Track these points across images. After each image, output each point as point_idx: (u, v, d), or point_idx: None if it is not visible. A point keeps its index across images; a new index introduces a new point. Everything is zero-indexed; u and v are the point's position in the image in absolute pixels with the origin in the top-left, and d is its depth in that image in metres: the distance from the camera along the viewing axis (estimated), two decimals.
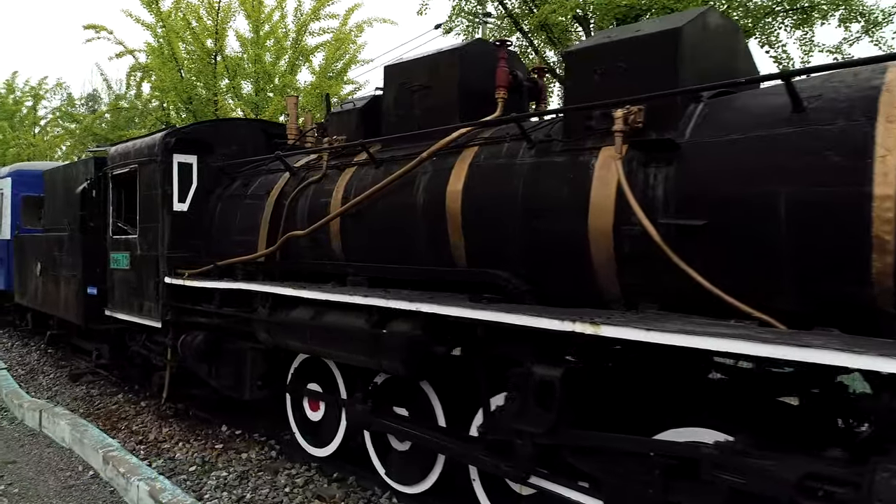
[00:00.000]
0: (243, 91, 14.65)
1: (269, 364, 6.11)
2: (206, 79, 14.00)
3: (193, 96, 14.30)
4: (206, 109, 14.07)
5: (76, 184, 9.24)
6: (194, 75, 14.20)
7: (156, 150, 6.80)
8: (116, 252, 7.62)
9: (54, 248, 9.38)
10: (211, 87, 14.05)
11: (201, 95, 14.13)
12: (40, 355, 11.53)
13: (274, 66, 14.45)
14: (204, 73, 13.93)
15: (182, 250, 6.84)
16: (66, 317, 9.10)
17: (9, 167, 13.29)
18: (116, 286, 7.68)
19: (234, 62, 14.17)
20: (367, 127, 5.71)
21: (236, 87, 14.34)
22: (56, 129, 29.44)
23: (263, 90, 14.20)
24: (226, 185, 6.98)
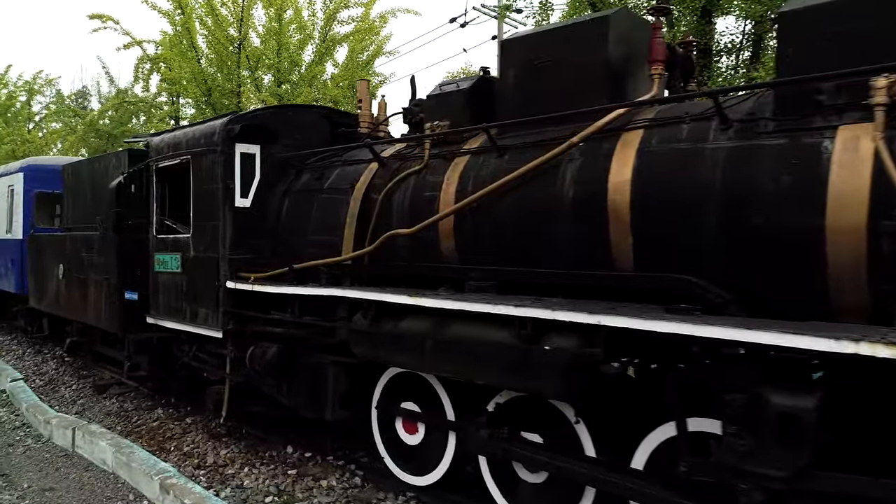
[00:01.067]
0: (264, 82, 13.86)
1: (353, 381, 5.41)
2: (228, 69, 13.18)
3: (213, 87, 13.49)
4: (227, 102, 13.28)
5: (107, 178, 8.46)
6: (215, 65, 13.39)
7: (216, 139, 6.06)
8: (162, 253, 6.87)
9: (81, 248, 8.58)
10: (234, 78, 13.24)
11: (222, 87, 13.32)
12: (58, 364, 10.71)
13: (298, 56, 13.67)
14: (226, 63, 13.11)
15: (244, 251, 6.12)
16: (97, 324, 8.31)
17: (20, 161, 12.42)
18: (162, 291, 6.92)
19: (255, 53, 13.35)
20: (474, 110, 5.03)
21: (258, 80, 13.55)
22: (53, 125, 28.47)
23: (289, 81, 13.42)
24: (291, 178, 6.25)
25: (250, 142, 6.13)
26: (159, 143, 7.04)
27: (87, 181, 9.15)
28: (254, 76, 13.38)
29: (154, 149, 7.10)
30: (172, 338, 7.11)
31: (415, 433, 5.10)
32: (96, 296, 8.19)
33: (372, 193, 5.33)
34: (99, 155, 9.41)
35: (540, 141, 4.20)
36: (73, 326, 10.22)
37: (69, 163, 10.25)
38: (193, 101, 14.22)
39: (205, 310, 6.24)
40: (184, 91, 14.24)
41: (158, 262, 6.94)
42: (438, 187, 4.77)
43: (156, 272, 7.00)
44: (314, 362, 5.45)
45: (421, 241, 4.82)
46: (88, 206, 9.12)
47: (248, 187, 6.16)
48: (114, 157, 8.52)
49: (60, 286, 9.30)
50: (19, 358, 11.38)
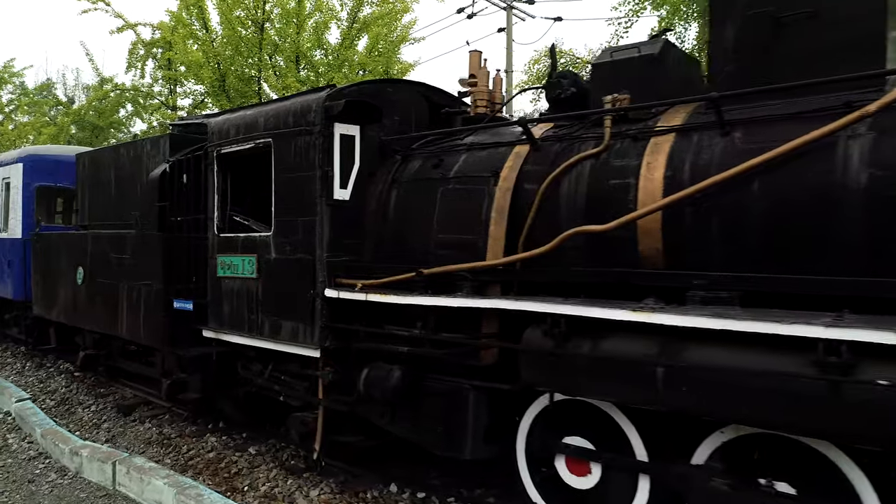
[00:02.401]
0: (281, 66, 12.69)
1: (497, 410, 4.45)
2: (248, 51, 11.98)
3: (228, 72, 12.27)
4: (245, 90, 12.10)
5: (140, 168, 7.32)
6: (231, 47, 12.17)
7: (312, 118, 5.02)
8: (229, 255, 5.78)
9: (110, 249, 7.41)
10: (254, 62, 12.03)
11: (241, 72, 12.12)
12: (67, 381, 9.43)
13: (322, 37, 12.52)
14: (245, 46, 11.90)
15: (342, 253, 5.10)
16: (131, 337, 7.16)
17: (18, 151, 11.04)
18: (227, 300, 5.84)
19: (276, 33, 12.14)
20: (662, 80, 4.12)
21: (275, 65, 12.40)
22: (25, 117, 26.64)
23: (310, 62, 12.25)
24: (396, 165, 5.25)
25: (350, 121, 5.11)
26: (222, 125, 5.94)
27: (111, 172, 7.96)
28: (273, 61, 12.19)
29: (215, 131, 6.00)
30: (231, 354, 6.04)
31: (585, 475, 4.17)
32: (131, 304, 7.04)
33: (525, 183, 4.37)
34: (127, 141, 8.21)
35: (798, 113, 3.31)
36: (85, 338, 9.00)
37: (84, 152, 9.01)
38: (208, 87, 12.91)
39: (292, 323, 5.19)
40: (194, 76, 12.97)
41: (222, 265, 5.85)
42: (632, 173, 3.84)
43: (218, 278, 5.91)
44: (449, 388, 4.47)
45: (607, 242, 3.89)
46: (113, 200, 7.94)
47: (347, 176, 5.14)
48: (148, 143, 7.37)
49: (78, 293, 8.09)
50: (19, 373, 10.05)
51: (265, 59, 12.11)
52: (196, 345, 6.45)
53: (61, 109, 20.45)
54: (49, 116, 21.81)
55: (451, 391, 4.45)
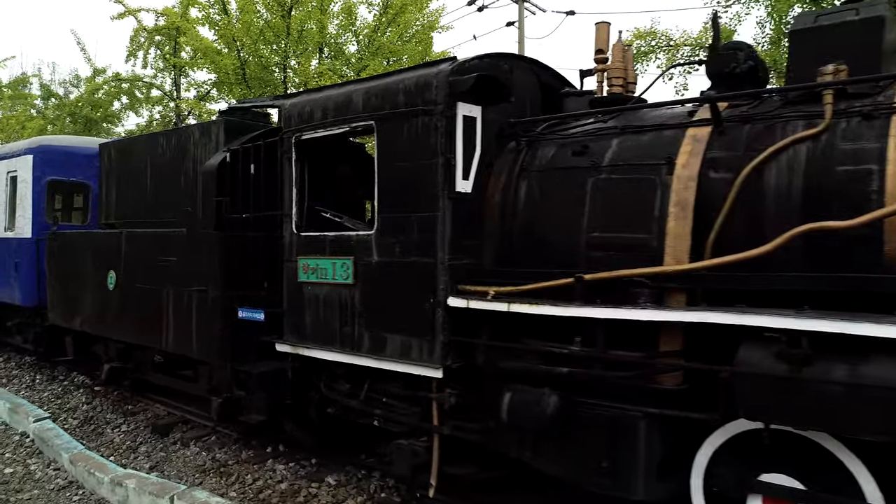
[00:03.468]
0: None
1: (671, 441, 3.75)
2: (275, 37, 11.07)
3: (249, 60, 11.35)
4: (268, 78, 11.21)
5: (189, 158, 6.49)
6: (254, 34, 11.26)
7: (432, 95, 4.25)
8: (313, 257, 4.99)
9: (151, 250, 6.55)
10: (280, 49, 11.13)
11: (266, 58, 11.22)
12: (87, 396, 8.50)
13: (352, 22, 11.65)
14: (273, 31, 11.00)
15: (462, 255, 4.35)
16: (178, 350, 6.30)
17: (26, 142, 10.02)
18: (311, 309, 5.04)
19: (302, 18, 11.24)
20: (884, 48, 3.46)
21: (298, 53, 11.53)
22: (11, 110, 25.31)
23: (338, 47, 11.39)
24: (522, 153, 4.52)
25: (473, 101, 4.36)
26: (302, 108, 5.13)
27: (146, 163, 7.10)
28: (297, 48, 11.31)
29: (293, 115, 5.19)
30: (305, 371, 5.26)
31: None
32: (179, 313, 6.19)
33: (711, 172, 3.67)
34: (166, 129, 7.32)
35: None
36: (108, 348, 8.10)
37: (109, 141, 8.11)
38: (223, 76, 11.94)
39: (403, 337, 4.43)
40: (210, 63, 12.02)
41: (305, 269, 5.05)
42: (874, 158, 3.17)
43: (299, 283, 5.11)
44: (615, 415, 3.75)
45: (837, 242, 3.21)
46: (149, 194, 7.08)
47: (469, 165, 4.39)
48: (196, 129, 6.53)
49: (108, 299, 7.19)
50: (29, 387, 9.08)
51: (292, 45, 11.22)
52: (259, 359, 5.66)
53: (52, 102, 19.23)
54: (37, 109, 20.56)
55: (619, 419, 3.73)
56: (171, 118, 16.57)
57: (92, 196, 9.67)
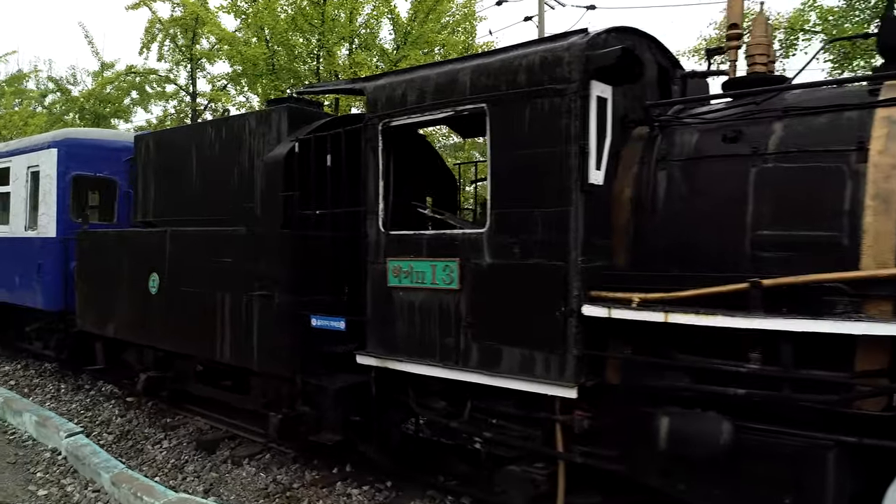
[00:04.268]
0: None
1: (863, 477, 3.20)
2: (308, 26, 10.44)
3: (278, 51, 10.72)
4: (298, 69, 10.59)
5: (245, 149, 5.91)
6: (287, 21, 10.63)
7: (564, 72, 3.68)
8: (406, 258, 4.41)
9: (204, 251, 5.95)
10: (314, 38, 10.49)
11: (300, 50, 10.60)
12: (120, 408, 7.89)
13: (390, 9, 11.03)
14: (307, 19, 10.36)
15: (594, 256, 3.79)
16: (239, 361, 5.70)
17: (50, 135, 9.37)
18: (403, 317, 4.46)
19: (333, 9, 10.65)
20: None
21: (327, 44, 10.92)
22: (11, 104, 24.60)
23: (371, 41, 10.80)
24: (653, 140, 3.96)
25: (606, 79, 3.80)
26: (392, 90, 4.55)
27: (192, 156, 6.51)
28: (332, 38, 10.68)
29: (380, 98, 4.60)
30: (404, 386, 4.69)
31: None
32: (238, 320, 5.60)
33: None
34: (214, 118, 6.70)
35: None
36: (144, 357, 7.50)
37: (147, 133, 7.51)
38: (251, 66, 11.23)
39: (523, 350, 3.85)
40: (237, 53, 11.36)
41: (396, 272, 4.47)
42: None
43: (387, 288, 4.53)
44: (799, 444, 3.20)
45: None
46: (196, 190, 6.50)
47: (601, 153, 3.82)
48: (252, 118, 5.94)
49: (150, 304, 6.58)
50: (54, 398, 8.45)
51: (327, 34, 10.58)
52: (329, 371, 5.09)
53: (60, 97, 18.54)
54: (42, 105, 19.86)
55: (806, 449, 3.18)
56: (186, 113, 15.93)
57: (119, 193, 9.07)
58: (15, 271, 9.21)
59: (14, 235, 9.27)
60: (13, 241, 9.28)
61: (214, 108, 15.32)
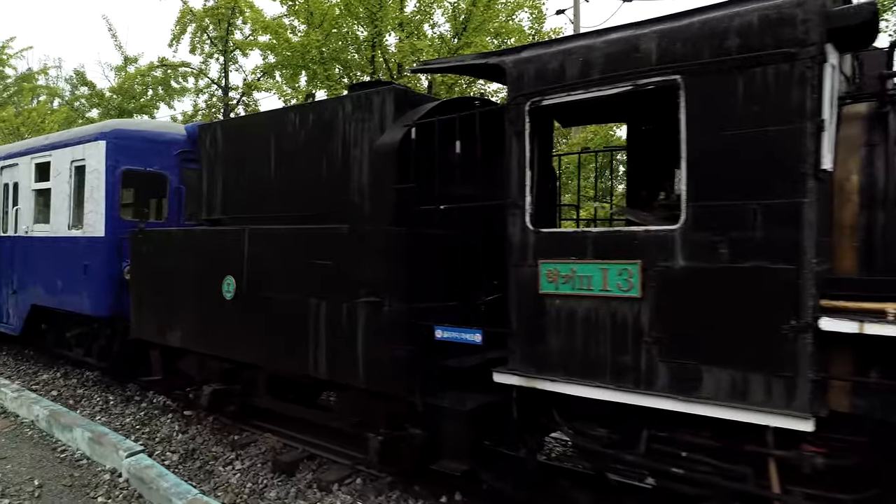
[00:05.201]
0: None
1: None
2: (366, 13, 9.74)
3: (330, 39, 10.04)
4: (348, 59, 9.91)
5: (339, 137, 5.25)
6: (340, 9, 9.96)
7: (798, 33, 3.00)
8: (565, 261, 3.75)
9: (294, 251, 5.30)
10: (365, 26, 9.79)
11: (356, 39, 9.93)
12: (179, 423, 7.23)
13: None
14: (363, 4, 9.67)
15: (821, 257, 3.13)
16: (338, 377, 5.03)
17: (96, 126, 8.72)
18: (558, 330, 3.80)
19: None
20: None
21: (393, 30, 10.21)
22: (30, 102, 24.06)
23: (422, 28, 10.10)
24: (883, 118, 3.30)
25: (838, 44, 3.13)
26: (546, 62, 3.88)
27: (271, 146, 5.86)
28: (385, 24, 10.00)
29: (528, 73, 3.94)
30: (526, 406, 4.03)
31: None
32: (338, 330, 4.94)
33: None
34: (300, 104, 6.02)
35: None
36: (204, 368, 6.87)
37: (213, 122, 6.85)
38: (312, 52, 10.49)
39: (734, 372, 3.19)
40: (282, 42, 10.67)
41: (551, 276, 3.81)
42: None
43: (538, 295, 3.86)
44: None
45: None
46: (276, 183, 5.85)
47: (830, 134, 3.16)
48: (349, 101, 5.28)
49: (225, 311, 5.93)
50: (104, 411, 7.80)
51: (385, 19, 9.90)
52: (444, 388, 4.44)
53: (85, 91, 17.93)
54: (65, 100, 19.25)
55: None
56: (217, 107, 15.30)
57: (169, 189, 8.43)
58: (57, 273, 8.57)
59: (56, 235, 8.63)
60: (55, 241, 8.64)
61: (247, 103, 14.68)
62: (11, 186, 9.82)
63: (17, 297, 9.46)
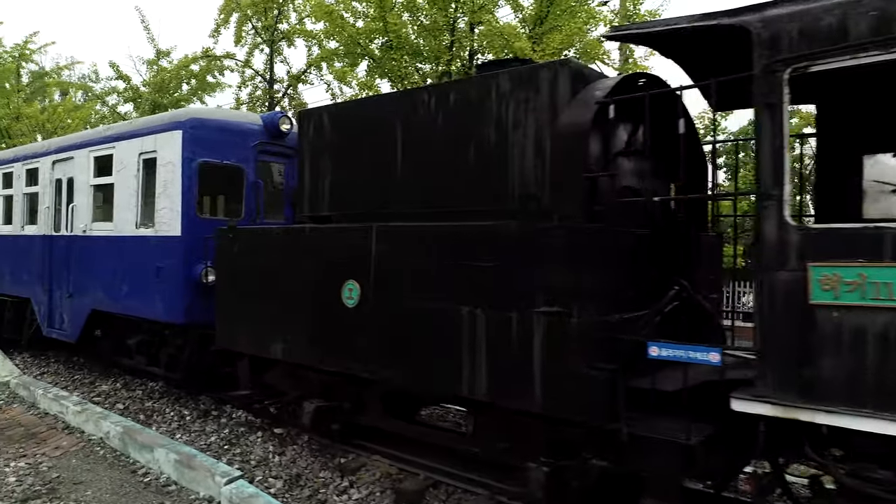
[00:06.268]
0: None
1: None
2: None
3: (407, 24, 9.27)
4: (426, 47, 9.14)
5: (492, 120, 4.53)
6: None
7: None
8: (851, 264, 3.00)
9: (440, 252, 4.56)
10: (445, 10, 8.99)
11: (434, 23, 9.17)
12: (272, 443, 6.50)
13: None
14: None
15: None
16: (511, 402, 4.29)
17: (170, 115, 7.93)
18: (836, 349, 3.04)
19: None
20: None
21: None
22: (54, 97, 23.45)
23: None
24: None
25: None
26: (815, 18, 3.14)
27: (394, 132, 5.14)
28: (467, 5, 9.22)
29: (789, 33, 3.20)
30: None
31: None
32: (505, 345, 4.20)
33: None
34: (430, 84, 5.25)
35: None
36: (300, 381, 6.16)
37: (317, 107, 6.12)
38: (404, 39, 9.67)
39: None
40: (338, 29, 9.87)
41: (828, 284, 3.06)
42: None
43: (808, 307, 3.11)
44: None
45: None
46: (404, 174, 5.12)
47: None
48: (503, 78, 4.53)
49: (345, 319, 5.20)
50: (182, 427, 7.07)
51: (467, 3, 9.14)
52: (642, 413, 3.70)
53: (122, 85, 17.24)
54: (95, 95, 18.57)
55: None
56: (262, 100, 14.60)
57: (246, 183, 7.72)
58: (122, 276, 7.86)
59: (121, 234, 7.92)
60: (120, 240, 7.93)
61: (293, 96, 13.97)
62: (65, 182, 9.12)
63: (72, 301, 8.76)
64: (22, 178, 10.16)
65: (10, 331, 10.58)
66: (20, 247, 10.10)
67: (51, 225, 9.37)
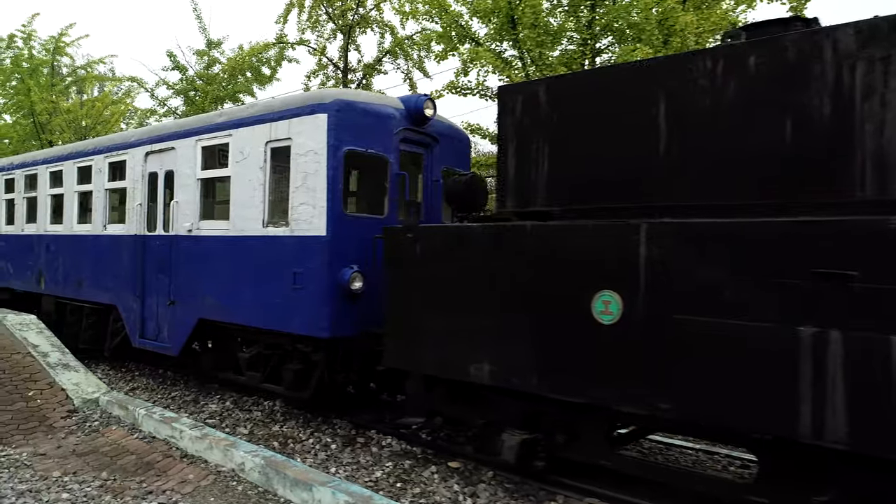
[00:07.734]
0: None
1: None
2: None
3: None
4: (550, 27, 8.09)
5: (823, 84, 3.55)
6: None
7: None
8: None
9: (772, 255, 3.57)
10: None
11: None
12: (458, 481, 5.50)
13: None
14: None
15: None
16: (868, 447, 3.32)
17: (304, 95, 6.91)
18: None
19: None
20: None
21: None
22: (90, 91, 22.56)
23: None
24: None
25: None
26: None
27: (653, 106, 4.14)
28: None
29: None
30: None
31: None
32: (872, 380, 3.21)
33: None
34: (718, 45, 4.30)
35: None
36: (490, 407, 5.18)
37: (524, 83, 5.14)
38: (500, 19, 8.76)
39: None
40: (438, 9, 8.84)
41: None
42: None
43: None
44: None
45: None
46: (671, 159, 4.12)
47: None
48: (845, 32, 3.54)
49: (596, 339, 4.21)
50: (332, 458, 6.05)
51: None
52: None
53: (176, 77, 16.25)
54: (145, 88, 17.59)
55: None
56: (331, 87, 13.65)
57: (389, 175, 6.72)
58: (241, 282, 6.88)
59: (241, 234, 6.93)
60: (240, 241, 6.94)
61: (366, 85, 12.99)
62: (163, 176, 8.13)
63: (174, 310, 7.77)
64: (104, 171, 9.17)
65: (88, 340, 9.60)
66: (102, 248, 9.12)
67: (143, 224, 8.39)
